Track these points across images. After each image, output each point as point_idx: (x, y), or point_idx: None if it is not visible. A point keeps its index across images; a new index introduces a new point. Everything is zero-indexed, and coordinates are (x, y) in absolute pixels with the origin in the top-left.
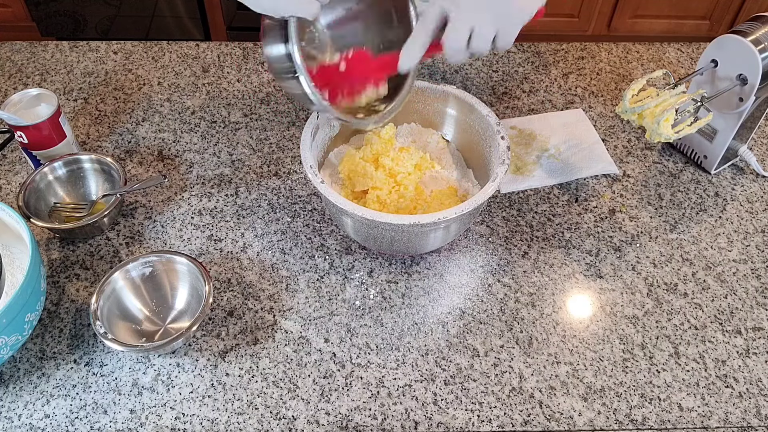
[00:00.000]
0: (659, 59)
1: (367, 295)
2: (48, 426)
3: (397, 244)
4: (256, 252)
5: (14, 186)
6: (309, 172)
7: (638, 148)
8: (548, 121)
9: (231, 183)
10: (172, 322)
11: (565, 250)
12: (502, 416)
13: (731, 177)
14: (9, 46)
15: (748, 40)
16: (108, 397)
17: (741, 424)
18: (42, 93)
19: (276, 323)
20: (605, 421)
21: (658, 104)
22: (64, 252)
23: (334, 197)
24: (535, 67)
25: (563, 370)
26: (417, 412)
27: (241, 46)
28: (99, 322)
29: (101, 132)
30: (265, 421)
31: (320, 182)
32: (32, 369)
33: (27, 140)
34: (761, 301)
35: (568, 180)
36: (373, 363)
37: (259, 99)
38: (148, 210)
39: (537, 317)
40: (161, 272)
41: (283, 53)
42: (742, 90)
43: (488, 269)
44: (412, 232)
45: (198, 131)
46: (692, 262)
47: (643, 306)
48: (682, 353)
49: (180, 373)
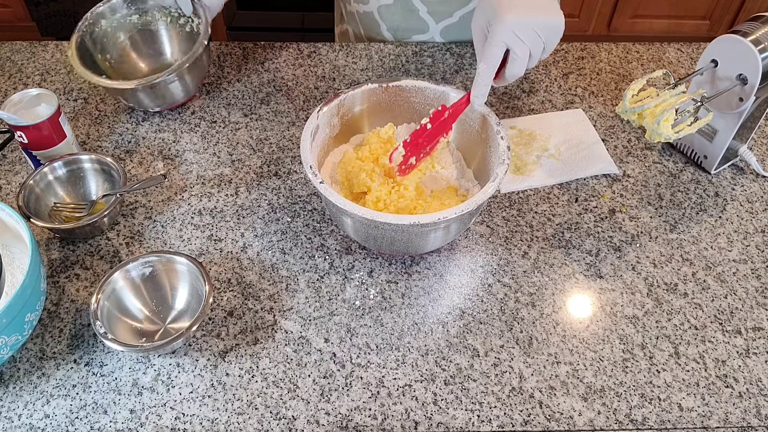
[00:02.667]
0: (659, 59)
1: (367, 295)
2: (48, 426)
3: (397, 244)
4: (256, 252)
5: (14, 186)
6: (309, 172)
7: (638, 148)
8: (548, 121)
9: (231, 183)
10: (172, 322)
11: (565, 250)
12: (502, 416)
13: (731, 177)
14: (9, 46)
15: (748, 40)
16: (108, 397)
17: (741, 424)
18: (42, 93)
19: (276, 323)
20: (605, 421)
21: (658, 104)
22: (64, 252)
23: (334, 197)
24: (535, 67)
25: (563, 370)
26: (417, 412)
27: (241, 46)
28: (99, 322)
29: (101, 132)
30: (265, 421)
31: (320, 182)
32: (32, 369)
33: (27, 140)
34: (761, 301)
35: (568, 180)
36: (373, 363)
37: (259, 99)
38: (148, 210)
39: (537, 317)
40: (161, 272)
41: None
42: (742, 90)
43: (488, 269)
44: (412, 232)
45: (198, 131)
46: (692, 262)
47: (643, 306)
48: (682, 353)
49: (180, 373)
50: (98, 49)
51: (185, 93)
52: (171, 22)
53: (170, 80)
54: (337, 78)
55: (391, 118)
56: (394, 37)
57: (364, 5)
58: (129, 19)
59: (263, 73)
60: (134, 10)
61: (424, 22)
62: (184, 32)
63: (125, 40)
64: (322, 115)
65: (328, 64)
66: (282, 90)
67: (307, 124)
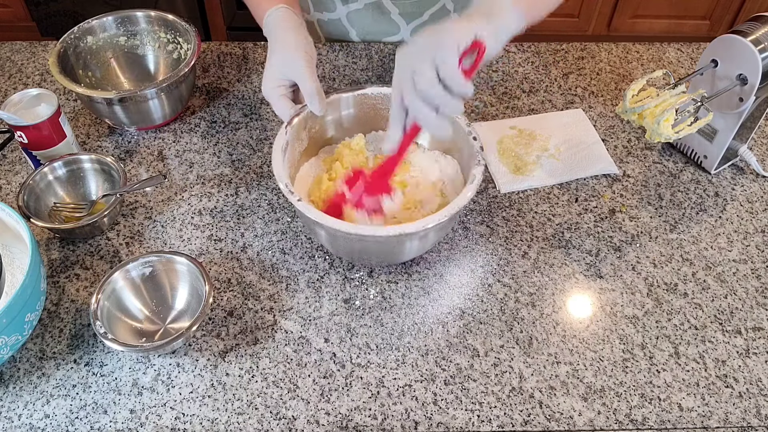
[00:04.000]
0: (659, 59)
1: (367, 295)
2: (48, 426)
3: (373, 257)
4: (256, 252)
5: (14, 186)
6: (285, 191)
7: (638, 148)
8: (548, 121)
9: (231, 183)
10: (172, 322)
11: (565, 250)
12: (502, 416)
13: (731, 177)
14: (9, 46)
15: (748, 40)
16: (108, 397)
17: (741, 424)
18: (42, 93)
19: (276, 323)
20: (605, 421)
21: (658, 104)
22: (64, 252)
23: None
24: (535, 67)
25: (563, 370)
26: (417, 412)
27: (241, 46)
28: (99, 322)
29: (101, 132)
30: (265, 421)
31: (297, 200)
32: (32, 369)
33: (27, 140)
34: (761, 301)
35: (568, 180)
36: (373, 363)
37: (259, 99)
38: (148, 210)
39: (537, 317)
40: (161, 272)
41: None
42: (742, 90)
43: (488, 269)
44: (388, 243)
45: (198, 131)
46: (692, 262)
47: (643, 306)
48: (682, 353)
49: (180, 373)
50: (81, 65)
51: (161, 115)
52: (159, 48)
53: (149, 96)
54: (337, 78)
55: (359, 128)
56: (363, 41)
57: (330, 13)
58: (116, 40)
59: (263, 73)
60: (123, 31)
61: (395, 24)
62: (171, 59)
63: (110, 60)
64: (290, 129)
65: (328, 64)
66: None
67: (276, 141)
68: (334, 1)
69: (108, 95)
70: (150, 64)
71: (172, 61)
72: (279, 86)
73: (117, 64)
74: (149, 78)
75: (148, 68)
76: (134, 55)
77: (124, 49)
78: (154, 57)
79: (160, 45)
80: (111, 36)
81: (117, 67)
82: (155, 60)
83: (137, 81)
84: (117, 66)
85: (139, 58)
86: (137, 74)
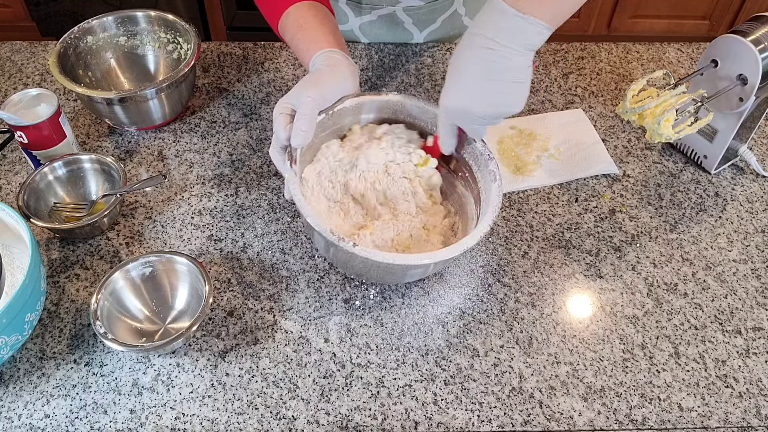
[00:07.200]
0: (659, 59)
1: (367, 295)
2: (48, 426)
3: (372, 274)
4: (256, 252)
5: (14, 186)
6: (332, 238)
7: (638, 148)
8: (548, 121)
9: (231, 183)
10: (172, 322)
11: (565, 250)
12: (502, 416)
13: (731, 177)
14: (9, 46)
15: (748, 40)
16: (108, 397)
17: (741, 424)
18: (42, 93)
19: (276, 323)
20: (605, 421)
21: (658, 104)
22: (64, 252)
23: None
24: (535, 67)
25: (563, 370)
26: (417, 412)
27: (241, 46)
28: (99, 322)
29: (101, 132)
30: (265, 421)
31: (353, 245)
32: (32, 369)
33: (27, 140)
34: (761, 301)
35: (568, 180)
36: (373, 363)
37: (259, 99)
38: (148, 210)
39: (537, 317)
40: (161, 272)
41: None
42: (742, 90)
43: (488, 269)
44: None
45: (198, 131)
46: (692, 262)
47: (643, 306)
48: (682, 353)
49: (180, 373)
50: (81, 64)
51: (161, 115)
52: (159, 48)
53: (149, 96)
54: None
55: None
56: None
57: (342, 25)
58: (116, 40)
59: (263, 73)
60: (123, 31)
61: (408, 33)
62: (171, 59)
63: (110, 60)
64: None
65: None
66: (282, 90)
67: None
68: (346, 14)
69: (108, 95)
70: (150, 64)
71: (172, 61)
72: (286, 106)
73: (117, 64)
74: (149, 78)
75: (148, 68)
76: (134, 55)
77: (124, 49)
78: (154, 57)
79: (160, 45)
80: (111, 36)
81: (117, 67)
82: (155, 60)
83: (137, 81)
84: (117, 66)
85: (139, 58)
86: (137, 74)
